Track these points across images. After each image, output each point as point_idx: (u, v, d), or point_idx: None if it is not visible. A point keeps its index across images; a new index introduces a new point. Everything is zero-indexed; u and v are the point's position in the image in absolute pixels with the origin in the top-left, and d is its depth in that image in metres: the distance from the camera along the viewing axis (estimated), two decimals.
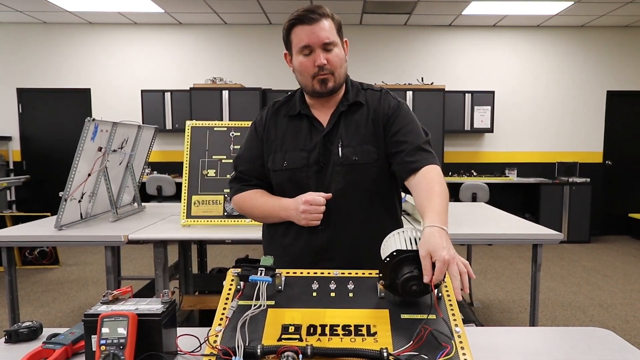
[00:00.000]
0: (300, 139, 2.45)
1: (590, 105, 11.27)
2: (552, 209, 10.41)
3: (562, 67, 11.23)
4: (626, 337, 5.34)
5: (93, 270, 8.33)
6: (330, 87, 2.36)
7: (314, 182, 2.40)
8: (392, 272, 1.74)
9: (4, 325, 5.77)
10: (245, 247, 9.32)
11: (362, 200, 2.43)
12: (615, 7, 9.50)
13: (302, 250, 2.43)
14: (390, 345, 1.59)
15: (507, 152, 11.34)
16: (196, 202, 4.44)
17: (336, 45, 2.36)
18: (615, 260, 9.11)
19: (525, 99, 11.25)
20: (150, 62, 11.16)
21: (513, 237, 4.29)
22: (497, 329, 2.20)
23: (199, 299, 5.49)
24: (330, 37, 2.32)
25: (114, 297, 1.76)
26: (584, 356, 1.80)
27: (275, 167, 2.44)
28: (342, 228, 2.41)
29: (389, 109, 2.46)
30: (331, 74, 2.35)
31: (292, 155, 2.42)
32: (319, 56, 2.32)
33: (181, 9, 9.96)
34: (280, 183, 2.47)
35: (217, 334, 1.64)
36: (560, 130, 11.31)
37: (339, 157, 2.39)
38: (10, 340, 1.91)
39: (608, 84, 11.23)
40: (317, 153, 2.42)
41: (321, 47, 2.32)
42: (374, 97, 2.52)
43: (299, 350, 1.51)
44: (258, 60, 11.16)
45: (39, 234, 4.19)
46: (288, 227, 2.46)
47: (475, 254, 9.06)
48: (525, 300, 6.72)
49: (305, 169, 2.41)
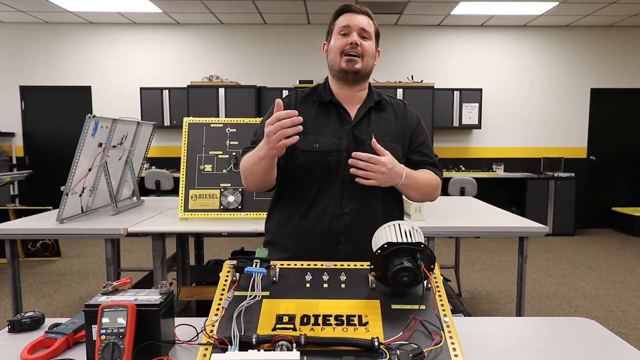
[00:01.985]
0: (331, 126, 2.49)
1: (574, 102, 11.31)
2: (538, 202, 10.44)
3: (548, 66, 11.26)
4: (609, 326, 5.37)
5: (93, 262, 8.33)
6: (356, 68, 2.43)
7: (343, 167, 2.43)
8: (383, 264, 1.74)
9: (7, 315, 5.77)
10: (241, 240, 9.32)
11: (384, 191, 2.46)
12: (598, 7, 9.52)
13: (323, 233, 2.45)
14: (381, 334, 1.59)
15: (494, 147, 11.37)
16: (193, 196, 4.44)
17: (371, 38, 2.48)
18: (599, 252, 9.14)
19: (512, 96, 11.28)
20: (149, 61, 11.15)
21: (500, 230, 4.29)
22: (484, 319, 2.21)
23: (196, 290, 5.49)
24: (368, 27, 2.46)
25: (114, 288, 1.75)
26: (569, 345, 1.81)
27: (305, 147, 2.42)
28: (364, 213, 2.46)
29: (415, 121, 2.64)
30: (360, 57, 2.43)
31: (323, 139, 2.45)
32: (354, 36, 2.42)
33: (179, 9, 9.94)
34: (309, 164, 2.46)
35: (214, 323, 1.63)
36: (545, 126, 11.35)
37: (372, 148, 2.37)
38: (13, 330, 1.91)
39: (592, 82, 11.27)
40: (347, 141, 2.46)
41: (358, 32, 2.43)
42: (399, 105, 2.67)
43: (293, 339, 1.51)
44: (253, 58, 11.17)
45: (41, 227, 4.17)
46: (309, 209, 2.48)
47: (464, 247, 9.07)
48: (512, 291, 6.73)
49: (336, 154, 2.44)
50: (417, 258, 1.72)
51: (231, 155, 4.49)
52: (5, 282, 6.80)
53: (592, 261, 8.46)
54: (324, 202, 2.45)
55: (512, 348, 1.79)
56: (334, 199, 2.43)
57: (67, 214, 4.23)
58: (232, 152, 4.50)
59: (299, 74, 10.92)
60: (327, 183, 2.45)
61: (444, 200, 5.82)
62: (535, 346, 1.81)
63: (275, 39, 11.11)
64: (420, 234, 1.85)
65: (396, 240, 1.78)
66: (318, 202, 2.46)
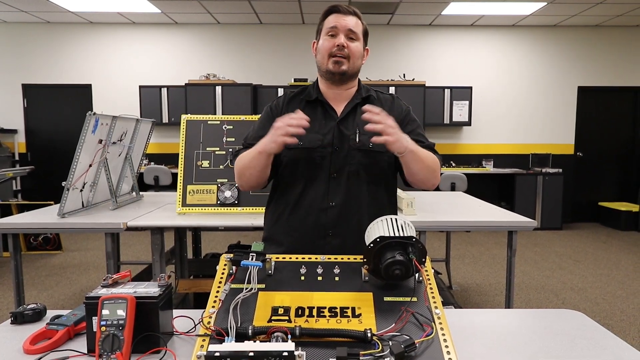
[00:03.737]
0: (316, 123, 2.48)
1: (562, 100, 11.32)
2: (526, 197, 10.46)
3: (536, 64, 11.27)
4: (596, 318, 5.38)
5: (94, 255, 8.31)
6: (342, 69, 2.44)
7: (327, 162, 2.45)
8: (375, 257, 1.75)
9: (10, 307, 5.76)
10: (237, 234, 9.31)
11: (371, 183, 2.48)
12: (585, 7, 9.53)
13: (312, 227, 2.46)
14: (374, 326, 1.60)
15: (484, 144, 11.38)
16: (191, 192, 4.44)
17: (358, 39, 2.49)
18: (586, 246, 9.17)
19: (501, 94, 11.29)
20: (148, 60, 11.13)
21: (489, 224, 4.29)
22: (474, 310, 2.21)
23: (193, 283, 5.49)
24: (355, 29, 2.45)
25: (114, 281, 1.75)
26: (557, 336, 1.81)
27: (290, 144, 2.38)
28: (350, 206, 2.46)
29: (402, 112, 2.60)
30: (347, 58, 2.44)
31: (307, 136, 2.41)
32: (340, 38, 2.42)
33: (177, 10, 9.92)
34: (295, 160, 2.49)
35: (211, 315, 1.64)
36: (533, 123, 11.37)
37: (356, 142, 2.45)
38: (15, 322, 1.91)
39: (579, 80, 11.28)
40: (331, 136, 2.47)
41: (345, 33, 2.43)
42: (387, 99, 2.65)
43: (288, 330, 1.52)
44: (249, 57, 11.15)
45: (43, 221, 4.17)
46: (297, 204, 2.50)
47: (454, 240, 9.07)
48: (501, 283, 6.75)
49: (320, 150, 2.46)
50: (408, 251, 1.73)
51: (228, 151, 4.49)
52: (8, 275, 6.79)
53: (579, 254, 8.49)
54: (311, 196, 2.47)
55: (501, 339, 1.79)
56: (320, 193, 2.44)
57: (68, 208, 4.22)
58: (228, 148, 4.50)
59: (293, 72, 10.91)
60: (312, 178, 2.47)
61: (435, 195, 5.82)
62: (524, 337, 1.81)
63: (271, 38, 11.10)
64: (411, 228, 1.85)
65: (388, 234, 1.78)
66: (305, 197, 2.48)
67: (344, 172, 2.44)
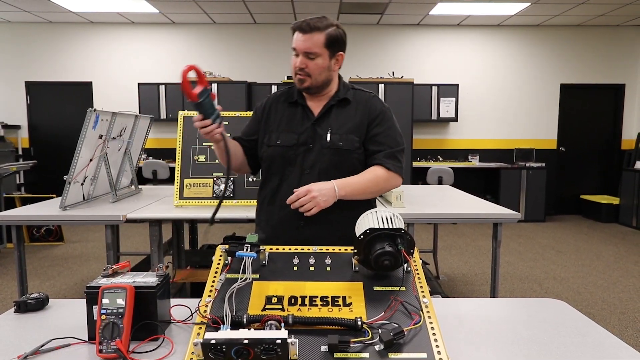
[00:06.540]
0: (294, 123, 2.62)
1: (545, 97, 11.35)
2: (511, 191, 10.49)
3: (520, 62, 11.28)
4: (578, 307, 5.41)
5: (94, 246, 8.30)
6: (305, 86, 2.56)
7: (300, 160, 2.58)
8: (365, 248, 1.75)
9: (13, 297, 5.74)
10: (232, 226, 9.28)
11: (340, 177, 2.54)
12: (568, 7, 9.55)
13: (286, 218, 2.56)
14: (364, 314, 1.60)
15: (470, 139, 11.40)
16: (188, 185, 4.44)
17: (319, 55, 2.50)
18: (568, 237, 9.20)
19: (487, 91, 11.31)
20: (147, 58, 11.10)
21: (475, 217, 4.30)
22: (460, 300, 2.21)
23: (190, 273, 5.49)
24: (312, 49, 2.48)
25: (113, 271, 1.76)
26: (540, 324, 1.82)
27: (270, 143, 2.62)
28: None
29: (375, 112, 2.64)
30: (308, 76, 2.51)
31: (285, 135, 2.59)
32: (297, 60, 2.51)
33: (174, 10, 9.89)
34: (272, 157, 2.63)
35: (207, 304, 1.64)
36: (518, 119, 11.39)
37: (327, 142, 2.55)
38: (19, 310, 1.91)
39: (561, 78, 11.31)
40: (306, 136, 2.58)
41: (303, 54, 2.49)
42: (363, 97, 2.70)
43: (281, 319, 1.52)
44: (244, 56, 11.14)
45: (45, 213, 4.15)
46: (273, 197, 2.65)
47: (441, 232, 9.12)
48: (486, 273, 6.76)
49: (294, 148, 2.59)
50: (397, 243, 1.73)
51: None
52: (12, 265, 6.77)
53: (562, 246, 8.52)
54: (285, 190, 2.57)
55: (486, 327, 1.80)
56: (293, 187, 2.48)
57: (69, 201, 4.21)
58: None
59: (287, 70, 10.85)
60: (287, 173, 2.60)
61: (423, 188, 5.83)
62: (508, 325, 1.82)
63: (265, 37, 11.08)
64: (400, 220, 1.86)
65: (378, 226, 1.79)
66: (280, 190, 2.62)
67: (315, 169, 2.56)
